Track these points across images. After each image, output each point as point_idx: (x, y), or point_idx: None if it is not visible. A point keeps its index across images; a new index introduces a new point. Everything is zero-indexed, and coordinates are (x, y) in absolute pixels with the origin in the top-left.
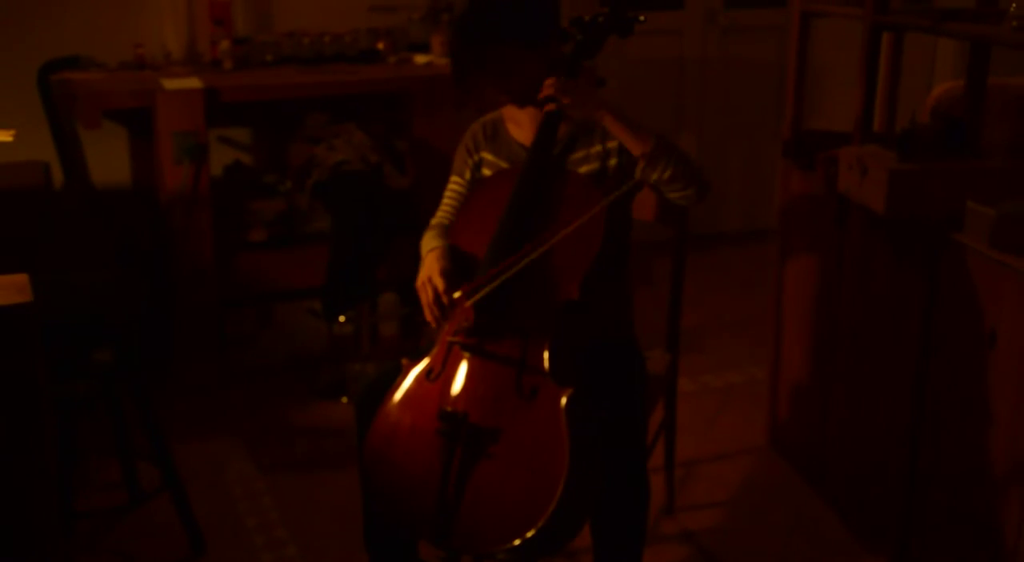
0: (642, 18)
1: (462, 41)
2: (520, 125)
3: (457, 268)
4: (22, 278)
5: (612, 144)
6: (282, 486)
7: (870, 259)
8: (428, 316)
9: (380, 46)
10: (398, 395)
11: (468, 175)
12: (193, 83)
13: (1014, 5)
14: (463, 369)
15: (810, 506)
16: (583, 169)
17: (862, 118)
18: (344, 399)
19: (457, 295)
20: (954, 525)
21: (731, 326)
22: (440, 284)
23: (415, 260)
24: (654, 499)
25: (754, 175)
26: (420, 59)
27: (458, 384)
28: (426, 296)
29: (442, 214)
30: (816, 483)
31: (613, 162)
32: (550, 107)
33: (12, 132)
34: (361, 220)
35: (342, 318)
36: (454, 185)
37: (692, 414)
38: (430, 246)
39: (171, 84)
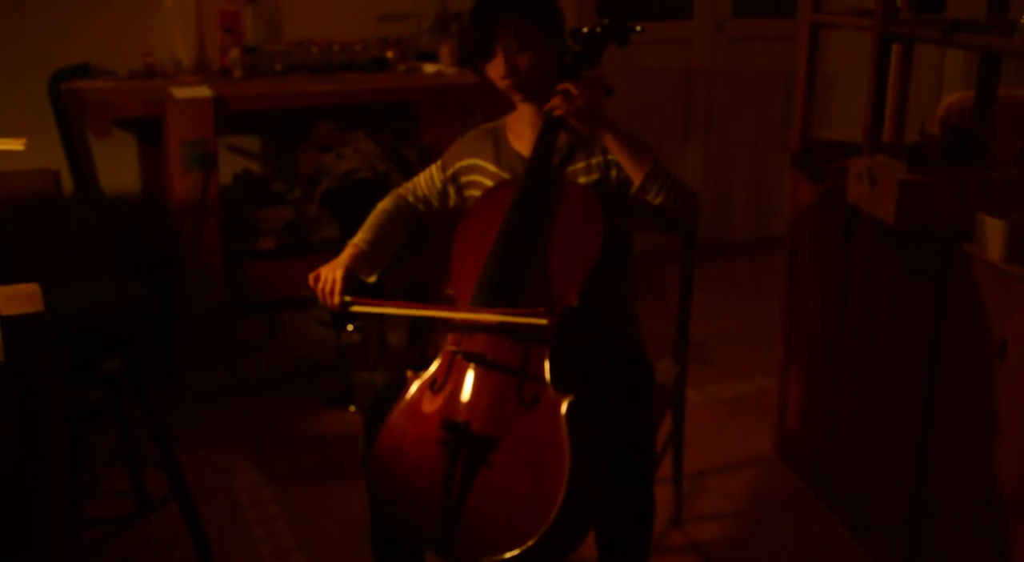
0: (639, 28)
1: (479, 14)
2: (520, 137)
3: (463, 276)
4: (33, 288)
5: (613, 156)
6: (289, 494)
7: (879, 270)
8: (321, 300)
9: (389, 55)
10: (402, 406)
11: (447, 174)
12: (203, 92)
13: None
14: (465, 379)
15: (818, 517)
16: (582, 180)
17: (871, 128)
18: (352, 408)
19: (348, 299)
20: (963, 537)
21: (739, 336)
22: (339, 284)
23: (423, 270)
24: (661, 510)
25: (762, 184)
26: (429, 68)
27: (460, 394)
28: (321, 285)
29: (407, 189)
30: (824, 494)
31: (614, 173)
32: (557, 111)
33: (23, 140)
34: None
35: (350, 327)
36: (430, 174)
37: (699, 425)
38: (358, 238)
39: (181, 93)
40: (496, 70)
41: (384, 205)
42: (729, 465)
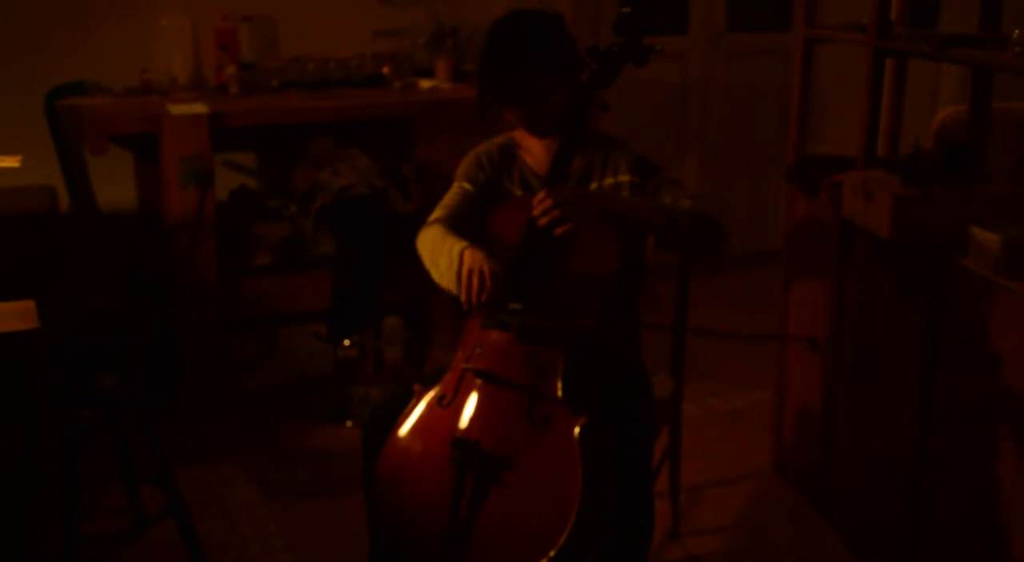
0: (658, 48)
1: (492, 73)
2: (532, 154)
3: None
4: (28, 305)
5: (623, 178)
6: (286, 510)
7: (874, 283)
8: (472, 300)
9: (385, 71)
10: (409, 422)
11: (477, 188)
12: (199, 108)
13: (1017, 31)
14: (475, 396)
15: (815, 530)
16: None
17: (866, 143)
18: (348, 423)
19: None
20: (960, 550)
21: (735, 350)
22: (496, 272)
23: (420, 284)
24: (659, 524)
25: (758, 198)
26: (425, 84)
27: (470, 411)
28: (475, 284)
29: (443, 213)
30: (821, 507)
31: (627, 194)
32: (544, 221)
33: (19, 157)
34: (365, 244)
35: (346, 342)
36: (460, 190)
37: (696, 438)
38: (457, 244)
39: (177, 109)
40: (518, 118)
41: (441, 229)
42: (726, 479)
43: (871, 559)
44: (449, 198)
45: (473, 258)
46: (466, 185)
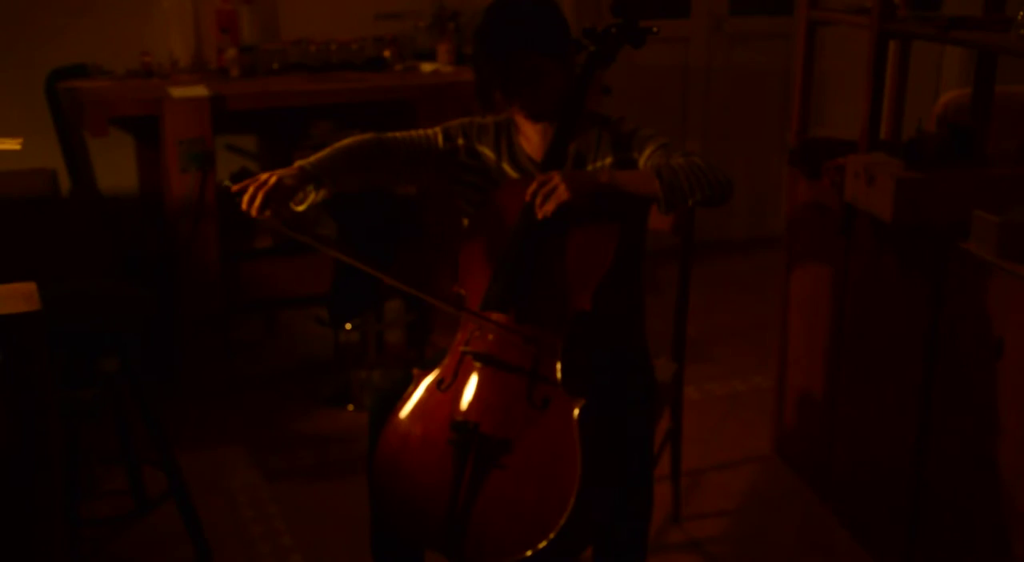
0: (655, 29)
1: (487, 52)
2: (529, 139)
3: (471, 275)
4: (30, 286)
5: (609, 159)
6: (288, 494)
7: (876, 267)
8: (245, 196)
9: (386, 54)
10: (409, 406)
11: (454, 144)
12: (200, 91)
13: (1021, 13)
14: (474, 379)
15: (816, 515)
16: None
17: (868, 126)
18: (350, 406)
19: (266, 214)
20: (961, 535)
21: (737, 334)
22: (269, 187)
23: (421, 268)
24: (660, 507)
25: (760, 182)
26: (426, 67)
27: (470, 394)
28: (264, 188)
29: (391, 135)
30: (822, 492)
31: None
32: (544, 210)
33: (20, 140)
34: (366, 227)
35: (348, 325)
36: (430, 133)
37: (698, 423)
38: (308, 160)
39: (178, 92)
40: (509, 101)
41: (356, 142)
42: (727, 462)
43: (871, 542)
44: (414, 131)
45: (289, 172)
46: (439, 134)
